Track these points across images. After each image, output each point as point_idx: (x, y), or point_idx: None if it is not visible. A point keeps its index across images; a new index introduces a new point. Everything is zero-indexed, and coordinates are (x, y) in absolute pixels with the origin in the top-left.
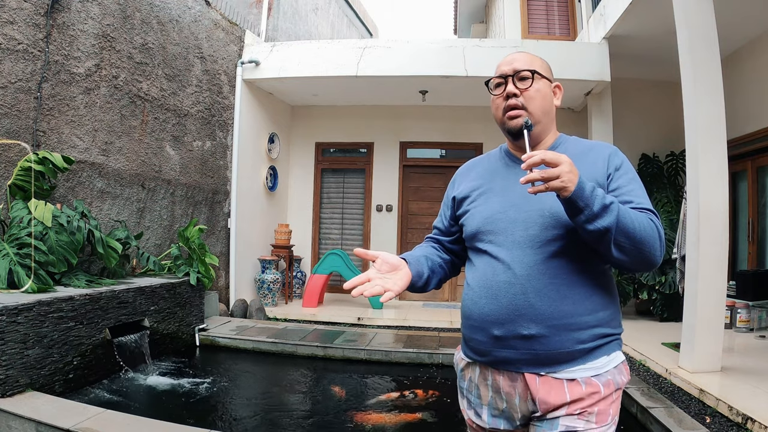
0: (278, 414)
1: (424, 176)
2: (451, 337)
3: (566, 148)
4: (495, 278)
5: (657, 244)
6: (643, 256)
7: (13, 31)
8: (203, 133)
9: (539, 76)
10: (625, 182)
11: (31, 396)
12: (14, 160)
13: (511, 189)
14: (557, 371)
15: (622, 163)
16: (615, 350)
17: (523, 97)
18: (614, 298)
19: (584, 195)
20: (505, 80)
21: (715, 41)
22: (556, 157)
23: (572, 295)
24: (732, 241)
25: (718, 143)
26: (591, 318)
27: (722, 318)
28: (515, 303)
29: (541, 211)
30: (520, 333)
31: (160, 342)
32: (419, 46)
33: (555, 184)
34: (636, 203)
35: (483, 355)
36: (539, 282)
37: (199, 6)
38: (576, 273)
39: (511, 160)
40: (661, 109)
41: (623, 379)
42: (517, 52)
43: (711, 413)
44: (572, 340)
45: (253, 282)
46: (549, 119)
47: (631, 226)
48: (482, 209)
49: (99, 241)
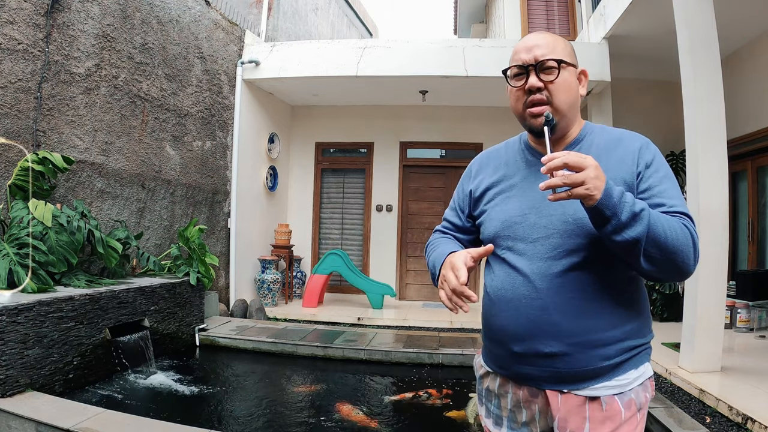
0: (278, 414)
1: (424, 176)
2: (451, 337)
3: (592, 140)
4: (514, 291)
5: (691, 253)
6: (676, 266)
7: (13, 31)
8: (203, 133)
9: (565, 64)
10: (656, 181)
11: (31, 396)
12: (14, 160)
13: (531, 189)
14: (581, 388)
15: (654, 159)
16: (644, 362)
17: (548, 90)
18: (644, 305)
19: (611, 203)
20: (525, 70)
21: (715, 41)
22: (581, 161)
23: (597, 309)
24: (732, 241)
25: (718, 143)
26: (617, 332)
27: (722, 318)
28: (535, 319)
29: (564, 216)
30: (541, 351)
31: (160, 342)
32: (419, 46)
33: (579, 191)
34: (669, 206)
35: (503, 368)
36: (561, 296)
37: (199, 6)
38: (601, 284)
39: (531, 155)
40: (661, 109)
41: (647, 396)
42: (537, 33)
43: (711, 413)
44: (597, 357)
45: (253, 282)
46: (575, 111)
47: (663, 236)
48: (500, 211)
49: (99, 241)
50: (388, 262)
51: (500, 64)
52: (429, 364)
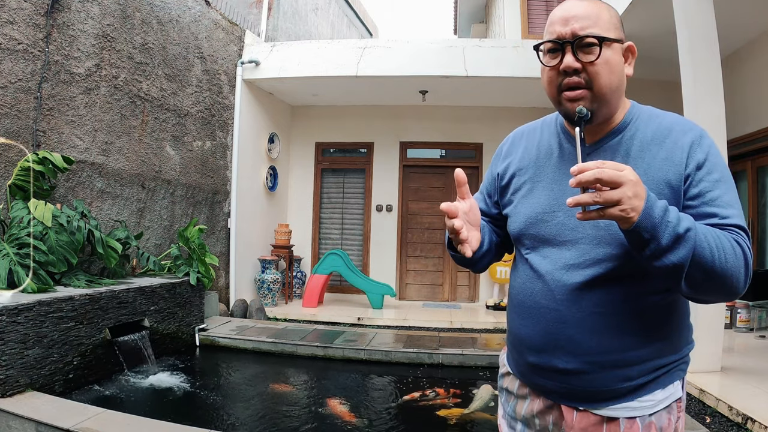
0: (278, 414)
1: (424, 176)
2: (451, 337)
3: (636, 129)
4: (533, 298)
5: (742, 276)
6: (722, 290)
7: (13, 31)
8: (203, 133)
9: (608, 41)
10: (709, 186)
11: (31, 396)
12: (14, 160)
13: (562, 182)
14: (598, 408)
15: (707, 158)
16: (673, 381)
17: (587, 73)
18: (682, 316)
19: (651, 224)
20: (561, 47)
21: (715, 41)
22: (617, 177)
23: (621, 328)
24: None
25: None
26: (644, 351)
27: (722, 318)
28: (552, 332)
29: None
30: (556, 366)
31: (160, 342)
32: (419, 46)
33: (613, 212)
34: (721, 217)
35: (521, 375)
36: (581, 310)
37: (199, 6)
38: (629, 301)
39: (567, 141)
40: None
41: (671, 419)
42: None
43: (711, 413)
44: (617, 378)
45: (253, 282)
46: (618, 95)
47: (709, 258)
48: (527, 206)
49: (99, 241)
50: (388, 262)
51: (500, 64)
52: (429, 364)
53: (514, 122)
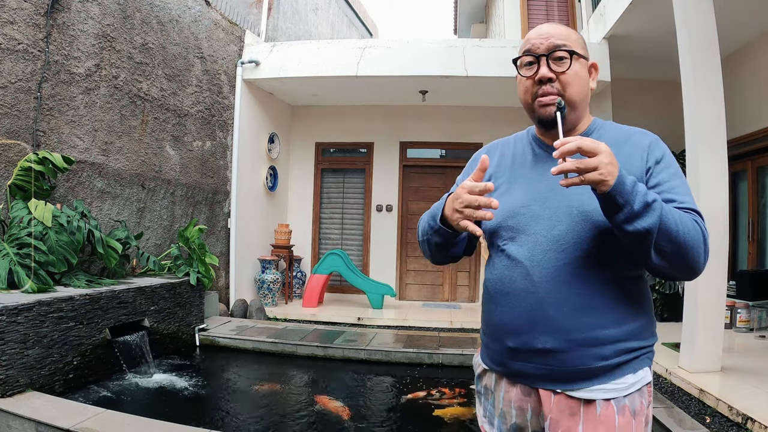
0: (278, 414)
1: (424, 176)
2: (451, 337)
3: (600, 135)
4: (512, 284)
5: (701, 250)
6: (686, 262)
7: (13, 31)
8: (203, 133)
9: (577, 56)
10: (666, 177)
11: (31, 396)
12: (14, 160)
13: (537, 181)
14: (574, 389)
15: (664, 155)
16: (643, 366)
17: (560, 82)
18: (647, 306)
19: (624, 190)
20: (537, 59)
21: (715, 41)
22: (595, 146)
23: (596, 305)
24: (732, 241)
25: (718, 143)
26: (617, 331)
27: (722, 318)
28: (531, 313)
29: (569, 208)
30: (535, 346)
31: (160, 342)
32: (419, 46)
33: (592, 176)
34: (679, 202)
35: (498, 365)
36: (559, 291)
37: (199, 6)
38: (603, 280)
39: (539, 148)
40: (661, 109)
41: (642, 403)
42: (550, 23)
43: (711, 413)
44: (593, 356)
45: (253, 282)
46: (585, 105)
47: (674, 229)
48: (504, 201)
49: (99, 241)
50: (388, 262)
51: (500, 64)
52: (429, 364)
53: (514, 122)
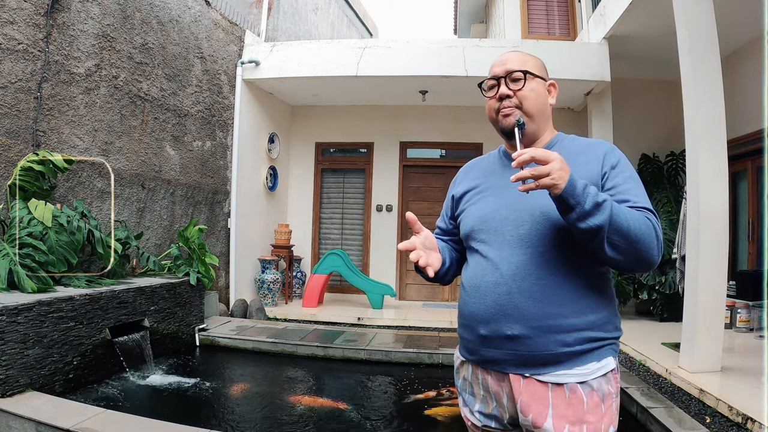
0: (278, 414)
1: (424, 176)
2: (451, 337)
3: (562, 146)
4: (484, 278)
5: (654, 244)
6: (639, 255)
7: (13, 31)
8: (203, 133)
9: (532, 75)
10: (621, 181)
11: (31, 396)
12: (14, 160)
13: (505, 188)
14: (542, 374)
15: (619, 162)
16: (606, 356)
17: (517, 97)
18: (609, 301)
19: (575, 192)
20: (498, 82)
21: (715, 41)
22: (546, 155)
23: (559, 296)
24: (732, 241)
25: (718, 143)
26: (578, 320)
27: (722, 318)
28: (500, 303)
29: (532, 210)
30: (504, 333)
31: (160, 342)
32: (419, 46)
33: (545, 181)
34: (633, 202)
35: (472, 354)
36: (525, 282)
37: (199, 6)
38: (565, 274)
39: (507, 160)
40: (661, 109)
41: (610, 389)
42: (510, 51)
43: (711, 413)
44: (556, 342)
45: (253, 282)
46: (544, 118)
47: (625, 225)
48: (477, 208)
49: (99, 241)
50: (388, 262)
51: None
52: (429, 364)
53: None
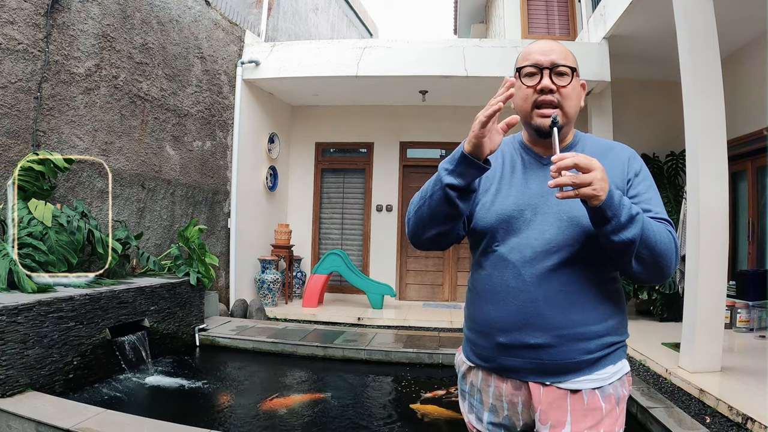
0: (278, 414)
1: (424, 176)
2: (451, 337)
3: (584, 146)
4: (503, 283)
5: (673, 257)
6: (661, 268)
7: (13, 31)
8: (203, 133)
9: (576, 73)
10: (644, 189)
11: (31, 396)
12: (14, 160)
13: (528, 188)
14: (562, 381)
15: (641, 169)
16: (621, 358)
17: (560, 94)
18: (623, 304)
19: (613, 204)
20: (540, 71)
21: (715, 41)
22: (589, 162)
23: (582, 304)
24: (732, 241)
25: (718, 143)
26: (600, 327)
27: (722, 318)
28: (523, 311)
29: (559, 214)
30: (527, 342)
31: (160, 342)
32: (419, 46)
33: (587, 191)
34: (655, 212)
35: (487, 361)
36: (550, 290)
37: (199, 6)
38: (588, 280)
39: (527, 155)
40: (661, 109)
41: (624, 392)
42: (551, 40)
43: (711, 413)
44: (580, 350)
45: (253, 282)
46: (575, 119)
47: (653, 239)
48: (496, 205)
49: (99, 241)
50: (388, 262)
51: (500, 64)
52: (429, 364)
53: None
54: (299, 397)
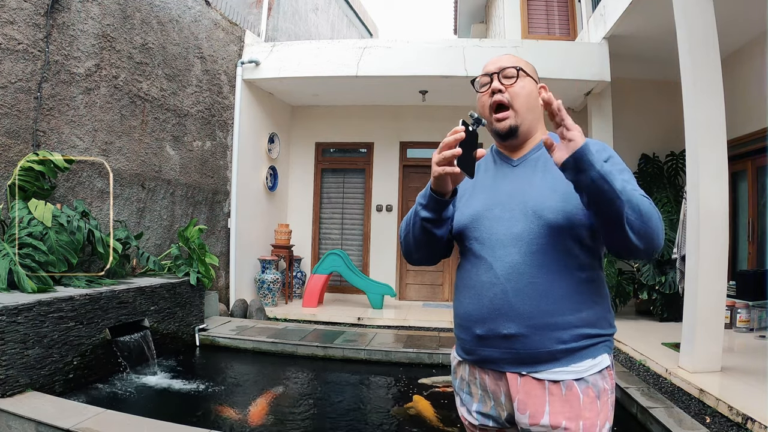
0: (278, 413)
1: (424, 176)
2: (451, 337)
3: None
4: (478, 278)
5: (660, 223)
6: (651, 233)
7: (13, 31)
8: (203, 133)
9: (524, 73)
10: (617, 171)
11: (31, 396)
12: (14, 160)
13: (497, 187)
14: (539, 371)
15: (611, 156)
16: (602, 353)
17: (509, 93)
18: (602, 298)
19: (591, 151)
20: (490, 78)
21: (715, 41)
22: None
23: (553, 294)
24: (732, 241)
25: (718, 143)
26: (573, 318)
27: (722, 318)
28: (495, 302)
29: (525, 209)
30: (501, 332)
31: (160, 342)
32: (419, 46)
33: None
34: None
35: (469, 353)
36: (519, 281)
37: (199, 6)
38: (558, 271)
39: (499, 158)
40: (661, 109)
41: (605, 385)
42: (504, 54)
43: (711, 413)
44: (552, 339)
45: (253, 282)
46: (535, 116)
47: (635, 200)
48: (469, 206)
49: (99, 241)
50: (388, 262)
51: None
52: (429, 364)
53: None
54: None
